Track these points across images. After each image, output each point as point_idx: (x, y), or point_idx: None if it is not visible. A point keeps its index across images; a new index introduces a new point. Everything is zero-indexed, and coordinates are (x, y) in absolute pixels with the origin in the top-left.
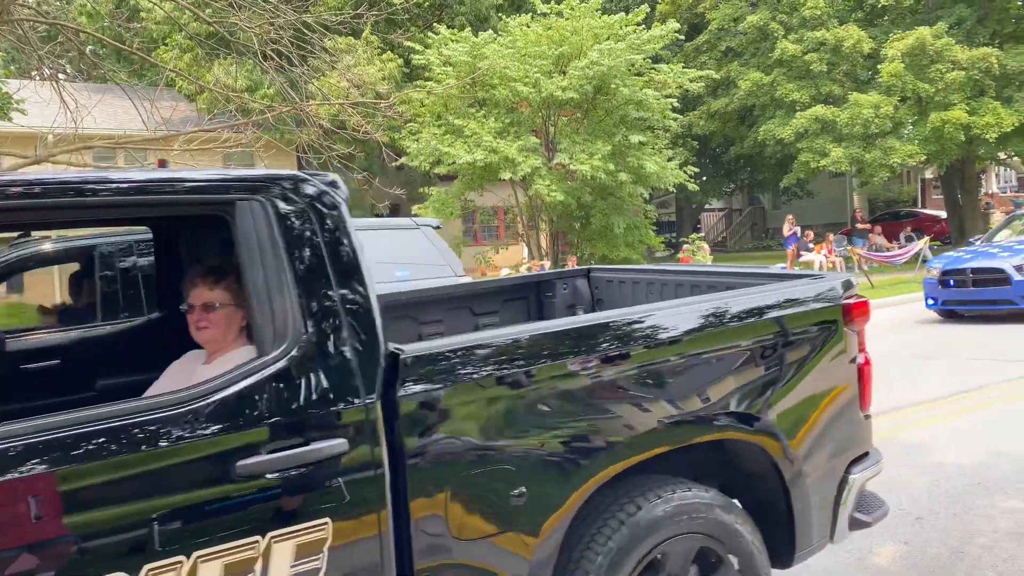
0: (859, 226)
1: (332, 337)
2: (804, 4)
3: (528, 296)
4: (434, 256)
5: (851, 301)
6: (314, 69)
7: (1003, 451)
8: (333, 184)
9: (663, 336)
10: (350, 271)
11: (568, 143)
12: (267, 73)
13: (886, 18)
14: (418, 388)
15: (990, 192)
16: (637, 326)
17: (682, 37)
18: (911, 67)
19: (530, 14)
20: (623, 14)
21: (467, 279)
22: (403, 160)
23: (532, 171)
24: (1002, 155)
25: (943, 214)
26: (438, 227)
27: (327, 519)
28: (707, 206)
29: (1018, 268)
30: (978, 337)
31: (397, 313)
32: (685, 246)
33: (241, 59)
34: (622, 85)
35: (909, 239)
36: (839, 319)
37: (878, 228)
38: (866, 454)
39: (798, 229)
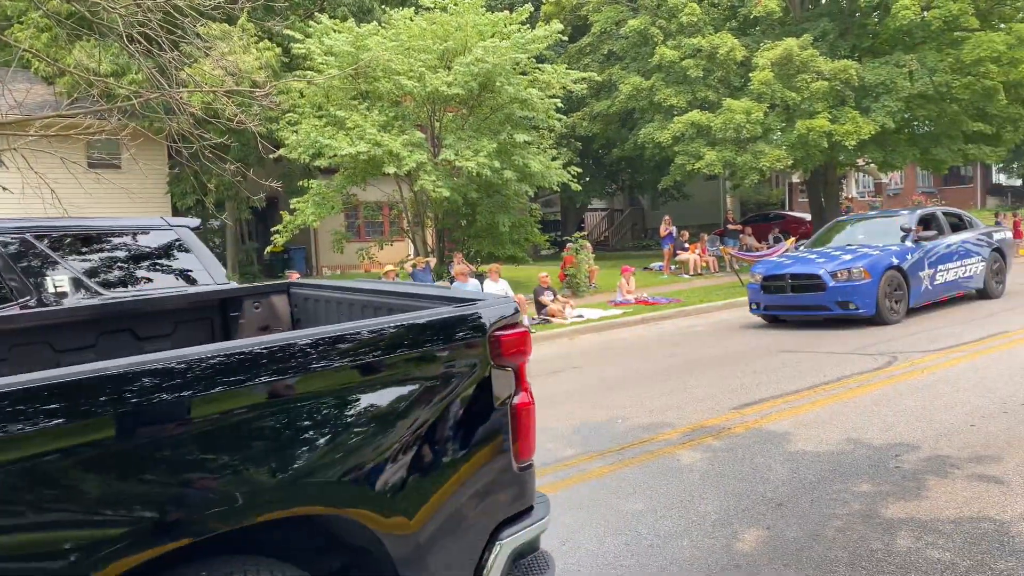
0: (731, 227)
1: None
2: (682, 11)
3: (212, 316)
4: (189, 261)
5: (503, 333)
6: (186, 55)
7: (857, 439)
8: None
9: (174, 393)
10: None
11: (454, 139)
12: (134, 58)
13: (758, 28)
14: None
15: (850, 196)
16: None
17: (566, 38)
18: (780, 76)
19: (414, 7)
20: (507, 12)
21: (232, 286)
22: (281, 152)
23: (417, 166)
24: (860, 161)
25: (808, 216)
26: (197, 228)
27: None
28: (590, 206)
29: (832, 274)
30: (837, 333)
31: (27, 339)
32: (568, 245)
33: (105, 41)
34: (507, 83)
35: (777, 240)
36: (485, 355)
37: (749, 229)
38: (529, 509)
39: (674, 229)
